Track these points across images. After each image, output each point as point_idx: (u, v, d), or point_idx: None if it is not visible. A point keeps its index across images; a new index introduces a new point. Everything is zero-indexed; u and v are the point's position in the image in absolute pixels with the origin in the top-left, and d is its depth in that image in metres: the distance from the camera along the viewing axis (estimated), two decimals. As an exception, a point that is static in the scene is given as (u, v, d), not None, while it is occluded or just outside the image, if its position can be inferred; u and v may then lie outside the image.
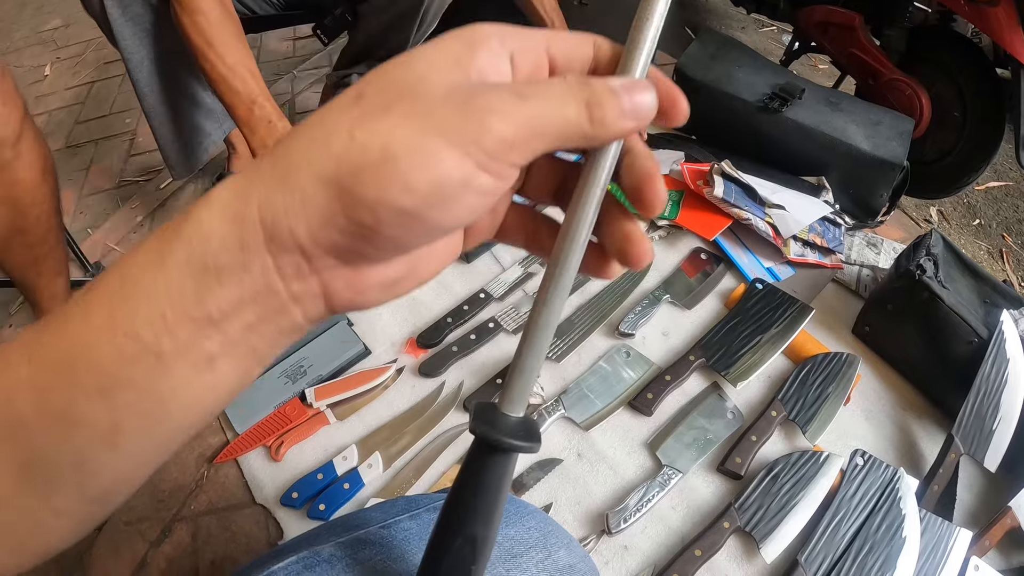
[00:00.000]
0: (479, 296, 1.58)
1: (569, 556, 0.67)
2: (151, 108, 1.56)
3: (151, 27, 1.44)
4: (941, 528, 1.26)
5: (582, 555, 0.69)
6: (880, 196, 1.86)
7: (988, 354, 1.39)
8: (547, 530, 0.68)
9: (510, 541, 0.64)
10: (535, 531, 0.67)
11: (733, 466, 1.32)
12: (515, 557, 0.63)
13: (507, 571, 0.62)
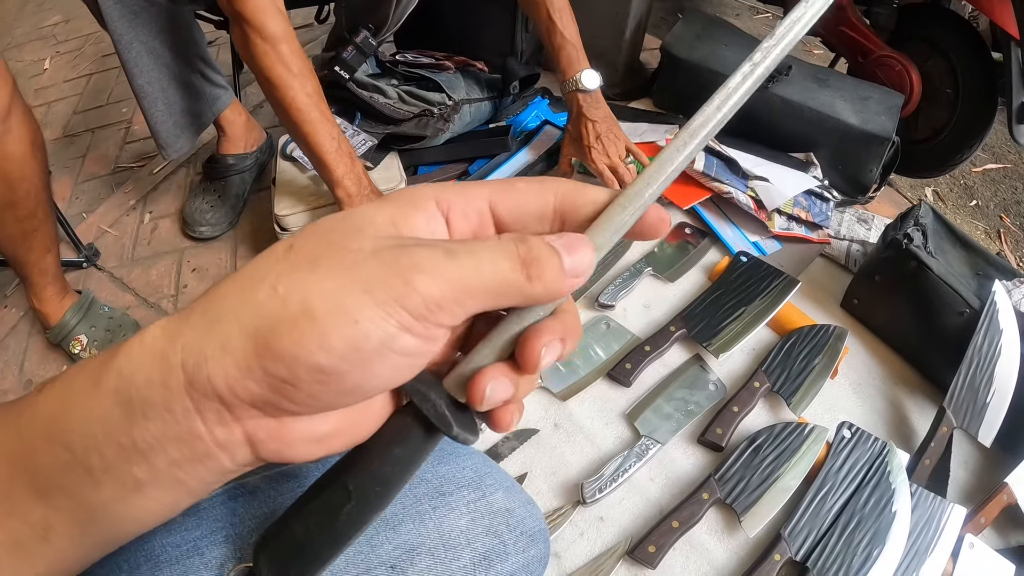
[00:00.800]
0: None
1: (507, 500, 0.63)
2: (140, 89, 1.56)
3: (139, 8, 1.43)
4: (934, 504, 1.22)
5: (524, 500, 0.65)
6: (870, 171, 1.83)
7: (980, 325, 1.35)
8: (483, 471, 0.64)
9: (440, 479, 0.60)
10: (469, 471, 0.63)
11: (714, 437, 1.29)
12: (443, 495, 0.59)
13: (433, 508, 0.58)
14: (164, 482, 0.31)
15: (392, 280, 0.28)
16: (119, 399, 0.30)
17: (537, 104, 1.98)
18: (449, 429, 0.34)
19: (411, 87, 1.74)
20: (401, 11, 1.64)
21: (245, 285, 0.30)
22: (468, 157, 1.82)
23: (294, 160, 1.60)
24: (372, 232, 0.31)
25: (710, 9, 3.17)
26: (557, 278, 0.31)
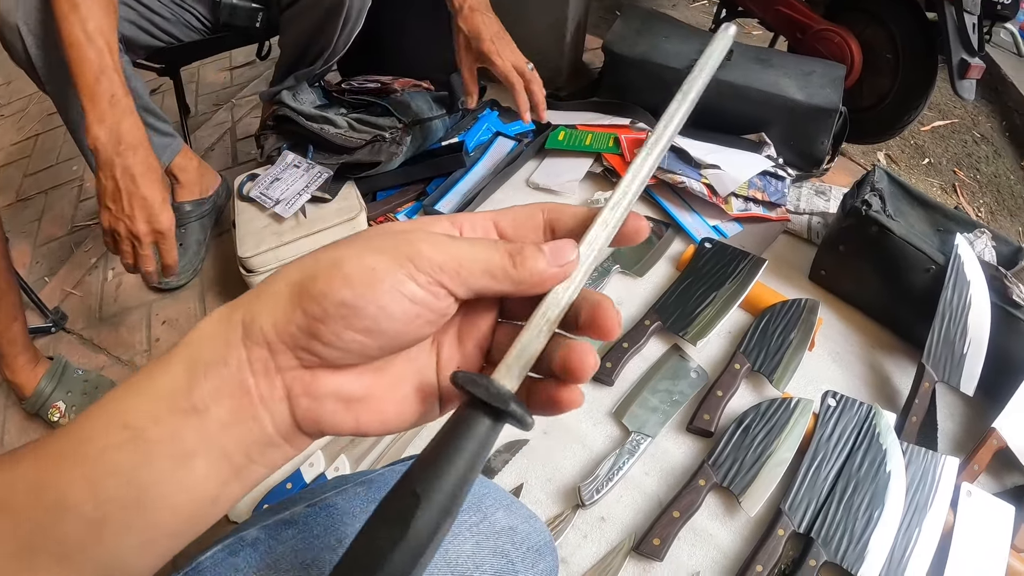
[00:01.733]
0: None
1: (509, 518, 0.63)
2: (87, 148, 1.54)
3: None
4: (926, 458, 1.24)
5: (525, 515, 0.66)
6: (821, 144, 1.85)
7: (947, 279, 1.38)
8: (481, 492, 0.64)
9: None
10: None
11: (702, 424, 1.30)
12: None
13: None
14: (212, 451, 0.35)
15: (404, 246, 0.36)
16: (186, 365, 0.35)
17: (487, 117, 1.99)
18: (507, 405, 0.36)
19: (360, 114, 1.74)
20: (346, 37, 1.64)
21: (291, 265, 0.37)
22: (425, 177, 1.82)
23: (252, 200, 1.59)
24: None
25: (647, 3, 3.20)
26: (537, 263, 0.38)
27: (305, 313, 0.35)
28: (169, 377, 0.35)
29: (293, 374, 0.36)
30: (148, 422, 0.34)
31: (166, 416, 0.34)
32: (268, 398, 0.36)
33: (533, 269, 0.38)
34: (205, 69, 2.83)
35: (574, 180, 1.79)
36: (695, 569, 1.16)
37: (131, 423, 0.34)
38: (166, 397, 0.34)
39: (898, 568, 1.14)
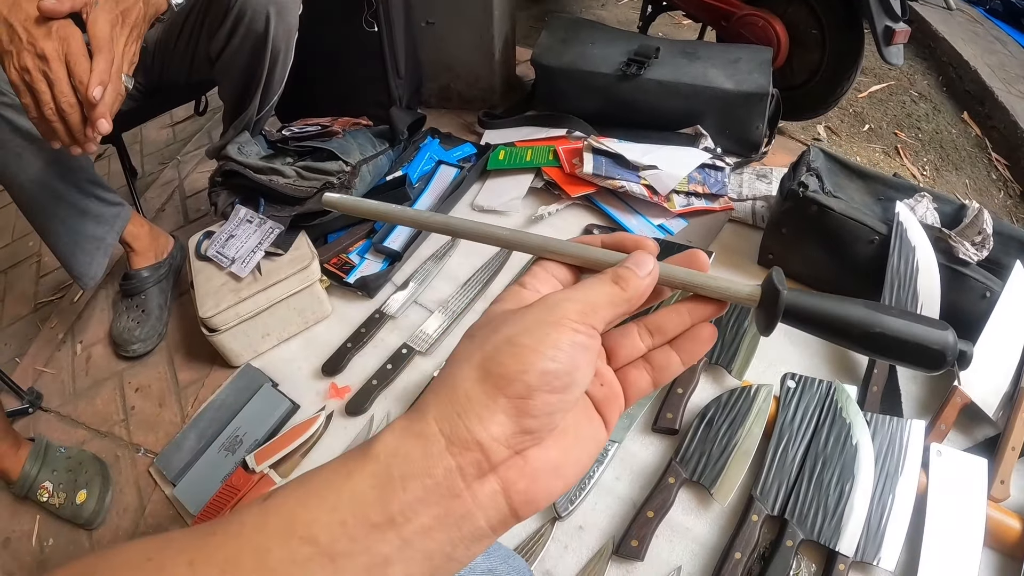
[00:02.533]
0: (374, 317, 1.61)
1: (487, 561, 0.65)
2: (42, 227, 1.55)
3: (22, 149, 1.41)
4: (892, 425, 1.27)
5: (504, 556, 0.67)
6: (756, 128, 1.88)
7: (892, 247, 1.41)
8: None
9: None
10: None
11: (666, 423, 1.32)
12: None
13: None
14: (412, 555, 0.35)
15: (547, 313, 0.40)
16: (377, 481, 0.35)
17: (428, 146, 2.01)
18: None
19: (307, 161, 1.75)
20: (280, 73, 1.63)
21: (458, 366, 0.39)
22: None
23: (208, 259, 1.60)
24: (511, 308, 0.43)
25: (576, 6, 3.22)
26: (637, 281, 0.43)
27: (510, 397, 0.37)
28: (354, 490, 0.35)
29: (508, 464, 0.38)
30: (335, 538, 0.34)
31: (356, 530, 0.34)
32: (482, 497, 0.37)
33: (635, 286, 0.43)
34: (147, 128, 2.83)
35: (516, 198, 1.81)
36: (676, 564, 1.18)
37: (314, 538, 0.34)
38: (354, 511, 0.35)
39: (876, 536, 1.16)
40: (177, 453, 1.46)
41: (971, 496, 1.20)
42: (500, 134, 2.03)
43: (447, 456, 0.36)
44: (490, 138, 2.02)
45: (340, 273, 1.69)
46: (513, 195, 1.82)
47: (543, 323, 0.39)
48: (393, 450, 0.36)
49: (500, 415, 0.37)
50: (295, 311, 1.59)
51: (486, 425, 0.36)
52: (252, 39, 1.54)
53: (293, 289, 1.55)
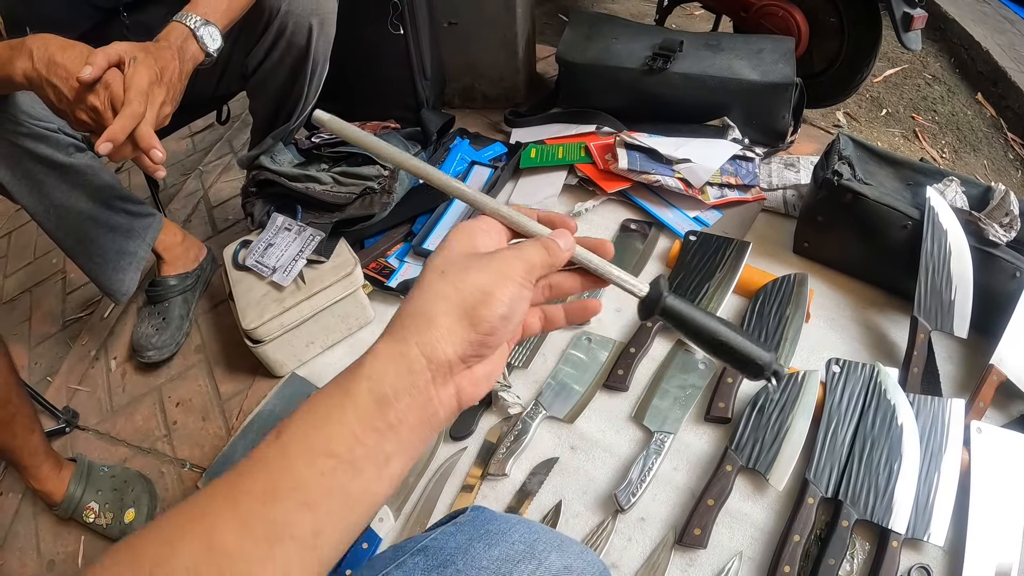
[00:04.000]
0: None
1: (562, 558, 0.67)
2: (71, 249, 1.55)
3: (44, 175, 1.42)
4: (933, 405, 1.29)
5: (578, 552, 0.69)
6: (783, 118, 1.90)
7: (925, 232, 1.43)
8: (533, 539, 0.68)
9: (497, 562, 0.64)
10: (519, 544, 0.67)
11: (718, 412, 1.35)
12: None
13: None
14: (403, 447, 0.49)
15: (504, 266, 0.53)
16: (373, 397, 0.47)
17: (458, 146, 2.02)
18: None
19: (343, 167, 1.74)
20: (316, 85, 1.64)
21: (432, 298, 0.51)
22: (411, 217, 1.85)
23: (247, 269, 1.59)
24: (467, 251, 0.55)
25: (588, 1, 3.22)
26: (560, 253, 0.56)
27: (479, 332, 0.50)
28: (359, 406, 0.47)
29: (461, 374, 0.52)
30: (351, 446, 0.46)
31: (366, 437, 0.46)
32: (444, 398, 0.51)
33: (559, 256, 0.56)
34: (166, 140, 2.77)
35: (552, 196, 1.83)
36: (736, 550, 1.21)
37: (334, 451, 0.45)
38: (361, 422, 0.47)
39: (925, 513, 1.19)
40: (227, 465, 1.44)
41: (1013, 471, 1.23)
42: (528, 132, 2.04)
43: (427, 372, 0.49)
44: (519, 136, 2.04)
45: (380, 278, 1.71)
46: (548, 193, 1.84)
47: (504, 276, 0.52)
48: (383, 371, 0.48)
49: (467, 343, 0.50)
50: (339, 318, 1.60)
51: (456, 350, 0.50)
52: (293, 54, 1.54)
53: (337, 296, 1.55)
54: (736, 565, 1.19)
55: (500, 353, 0.57)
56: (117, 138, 1.10)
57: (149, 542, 0.42)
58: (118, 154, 1.12)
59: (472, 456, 1.40)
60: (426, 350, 0.49)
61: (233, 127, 2.66)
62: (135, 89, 1.12)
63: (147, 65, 1.16)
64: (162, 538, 0.42)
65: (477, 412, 1.45)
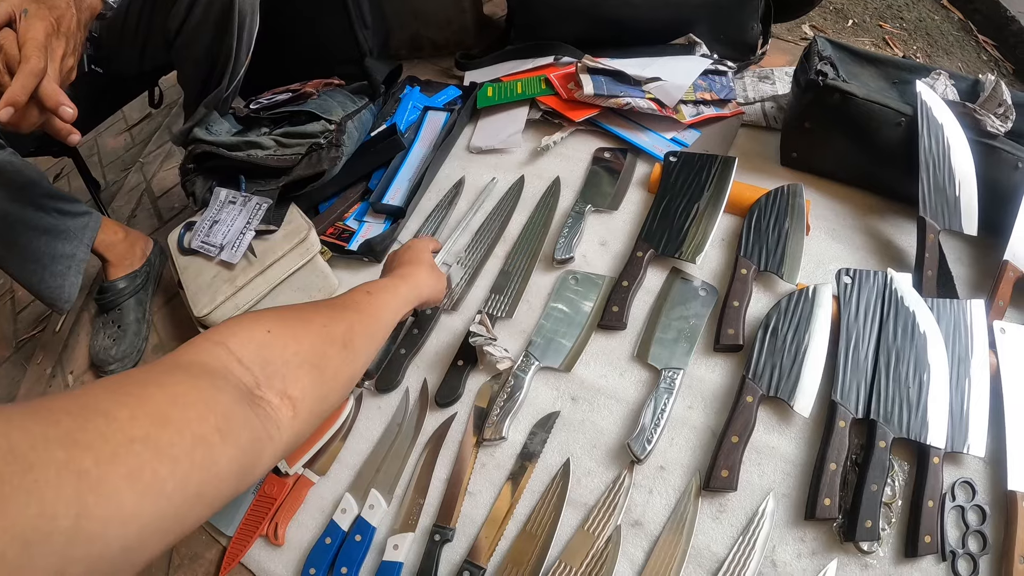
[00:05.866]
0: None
1: None
2: (3, 259, 1.43)
3: None
4: (953, 308, 1.21)
5: None
6: (752, 29, 1.80)
7: (920, 128, 1.34)
8: None
9: None
10: None
11: (728, 339, 1.24)
12: None
13: None
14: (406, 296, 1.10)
15: (442, 281, 1.24)
16: (407, 285, 1.11)
17: (409, 95, 1.90)
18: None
19: (284, 127, 1.62)
20: (247, 42, 1.52)
21: (425, 280, 1.16)
22: (364, 174, 1.72)
23: (194, 252, 1.49)
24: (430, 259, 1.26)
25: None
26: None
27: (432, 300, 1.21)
28: (398, 289, 1.07)
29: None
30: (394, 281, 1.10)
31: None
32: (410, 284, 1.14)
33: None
34: (102, 137, 2.71)
35: (516, 133, 1.71)
36: (768, 488, 1.12)
37: (371, 290, 0.99)
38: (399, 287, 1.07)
39: (961, 424, 1.11)
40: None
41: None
42: (482, 73, 1.92)
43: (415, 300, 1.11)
44: (473, 77, 1.91)
45: (340, 243, 1.58)
46: (512, 131, 1.71)
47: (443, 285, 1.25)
48: (411, 284, 1.12)
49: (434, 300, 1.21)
50: (299, 291, 1.48)
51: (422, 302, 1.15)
52: (217, 7, 1.43)
53: (293, 266, 1.44)
54: (771, 505, 1.10)
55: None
56: (18, 99, 1.00)
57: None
58: (24, 121, 1.03)
59: (463, 422, 1.29)
60: (419, 295, 1.12)
61: (171, 113, 2.55)
62: (31, 44, 1.03)
63: (40, 17, 1.06)
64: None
65: (463, 373, 1.33)
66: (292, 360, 0.68)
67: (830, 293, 1.25)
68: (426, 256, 1.24)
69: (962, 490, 1.09)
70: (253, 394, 0.63)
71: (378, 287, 1.00)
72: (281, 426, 0.64)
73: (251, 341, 0.67)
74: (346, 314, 0.85)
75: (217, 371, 0.61)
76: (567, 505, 1.15)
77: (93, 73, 1.49)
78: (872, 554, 1.04)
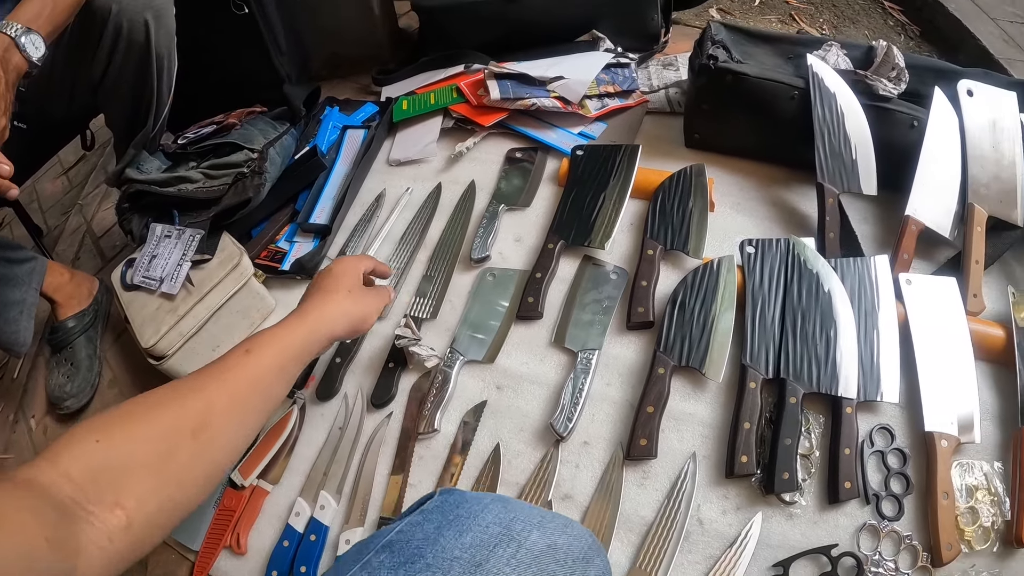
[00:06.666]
0: None
1: (545, 536, 0.61)
2: None
3: None
4: (857, 265, 1.27)
5: (561, 527, 0.64)
6: (652, 20, 1.86)
7: (813, 98, 1.41)
8: (509, 518, 0.62)
9: (469, 550, 0.58)
10: (494, 526, 0.61)
11: (639, 317, 1.29)
12: (480, 565, 0.57)
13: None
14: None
15: (374, 304, 1.14)
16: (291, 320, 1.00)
17: (329, 116, 1.94)
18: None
19: (211, 160, 1.66)
20: (167, 81, 1.57)
21: (338, 312, 1.04)
22: (291, 196, 1.77)
23: (137, 287, 1.52)
24: (360, 283, 1.13)
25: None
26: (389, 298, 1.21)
27: (355, 333, 1.10)
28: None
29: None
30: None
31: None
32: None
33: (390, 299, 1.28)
34: (40, 183, 2.71)
35: (431, 142, 1.76)
36: (688, 452, 1.17)
37: (251, 347, 0.89)
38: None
39: (872, 373, 1.17)
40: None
41: (950, 315, 1.22)
42: (398, 87, 1.96)
43: (326, 340, 1.02)
44: (389, 92, 1.96)
45: (273, 264, 1.62)
46: (427, 140, 1.76)
47: (373, 310, 1.12)
48: (314, 321, 1.01)
49: (348, 335, 1.09)
50: (239, 314, 1.51)
51: (342, 336, 1.07)
52: (135, 53, 1.47)
53: (230, 291, 1.48)
54: (692, 467, 1.15)
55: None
56: None
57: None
58: None
59: (399, 420, 1.33)
60: (325, 329, 1.00)
61: (105, 153, 2.54)
62: None
63: None
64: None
65: (395, 374, 1.38)
66: (126, 466, 0.65)
67: (734, 263, 1.30)
68: (346, 280, 1.09)
69: (881, 436, 1.14)
70: (79, 509, 0.60)
71: (261, 342, 0.89)
72: (113, 538, 0.61)
73: (82, 454, 0.64)
74: (205, 393, 0.76)
75: (43, 487, 0.59)
76: (501, 486, 1.19)
77: (19, 129, 1.52)
78: (795, 504, 1.10)
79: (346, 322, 1.04)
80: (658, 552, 1.08)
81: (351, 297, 1.07)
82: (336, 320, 1.02)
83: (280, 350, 0.90)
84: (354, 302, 1.07)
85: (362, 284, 1.13)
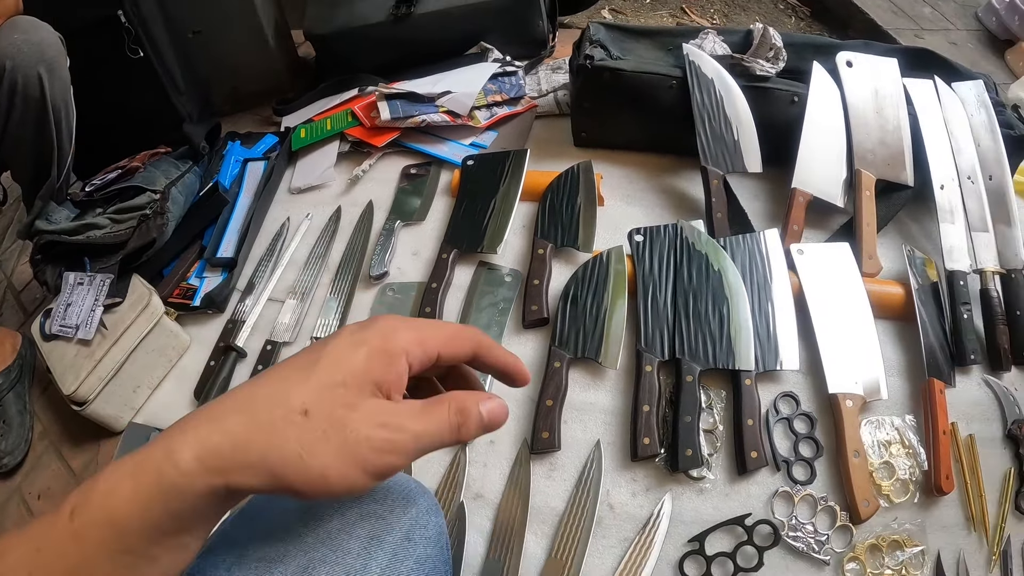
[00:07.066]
0: (228, 328, 1.56)
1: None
2: None
3: None
4: (747, 241, 1.32)
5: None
6: (538, 26, 1.90)
7: (691, 85, 1.45)
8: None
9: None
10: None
11: (533, 315, 1.31)
12: (308, 510, 0.58)
13: (303, 524, 0.57)
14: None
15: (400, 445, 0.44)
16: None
17: (231, 150, 1.95)
18: None
19: (116, 204, 1.67)
20: (67, 133, 1.57)
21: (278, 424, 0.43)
22: (197, 233, 1.77)
23: (55, 336, 1.51)
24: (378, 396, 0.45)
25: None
26: (474, 434, 0.47)
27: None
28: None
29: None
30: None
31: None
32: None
33: (468, 438, 0.47)
34: None
35: (328, 167, 1.77)
36: (592, 440, 1.19)
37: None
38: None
39: (770, 344, 1.21)
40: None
41: (846, 279, 1.27)
42: (297, 116, 1.97)
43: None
44: (289, 122, 1.97)
45: (185, 301, 1.62)
46: (325, 166, 1.77)
47: (400, 455, 0.44)
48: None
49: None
50: (155, 353, 1.52)
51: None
52: (32, 107, 1.48)
53: (143, 331, 1.48)
54: (596, 454, 1.17)
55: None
56: None
57: None
58: None
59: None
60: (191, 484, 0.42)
61: (20, 207, 2.49)
62: None
63: None
64: None
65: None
66: None
67: (624, 253, 1.33)
68: (327, 375, 0.45)
69: (785, 403, 1.18)
70: None
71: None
72: None
73: None
74: None
75: None
76: (411, 492, 1.20)
77: None
78: (704, 479, 1.13)
79: (261, 465, 0.42)
80: (572, 540, 1.10)
81: (308, 422, 0.43)
82: (227, 458, 0.42)
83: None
84: (311, 431, 0.43)
85: (384, 387, 0.46)
